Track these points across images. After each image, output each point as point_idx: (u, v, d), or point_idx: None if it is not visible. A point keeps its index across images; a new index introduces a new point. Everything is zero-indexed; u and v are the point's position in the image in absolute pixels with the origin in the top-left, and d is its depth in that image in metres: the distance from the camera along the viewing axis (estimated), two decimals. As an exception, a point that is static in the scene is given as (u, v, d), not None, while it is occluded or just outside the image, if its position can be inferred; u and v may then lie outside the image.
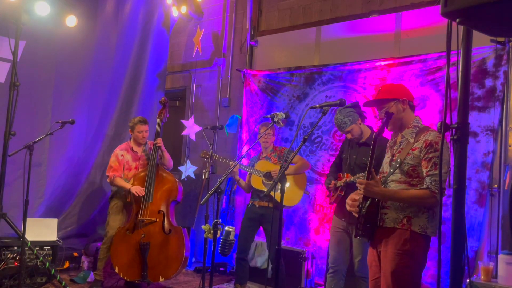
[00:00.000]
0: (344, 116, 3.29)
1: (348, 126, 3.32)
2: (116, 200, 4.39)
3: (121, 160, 4.36)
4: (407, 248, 2.32)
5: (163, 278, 4.10)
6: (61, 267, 4.67)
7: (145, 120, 4.46)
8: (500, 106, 3.74)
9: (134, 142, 4.47)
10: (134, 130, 4.41)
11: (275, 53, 5.61)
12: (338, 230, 3.43)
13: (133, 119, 4.49)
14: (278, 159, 4.14)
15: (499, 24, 1.44)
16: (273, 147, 4.25)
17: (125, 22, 5.69)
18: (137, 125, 4.39)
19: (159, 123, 4.46)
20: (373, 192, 2.35)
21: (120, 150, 4.42)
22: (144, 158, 4.50)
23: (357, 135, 3.37)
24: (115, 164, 4.33)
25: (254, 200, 4.10)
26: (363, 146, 3.38)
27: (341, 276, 3.41)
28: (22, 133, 4.22)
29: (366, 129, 3.44)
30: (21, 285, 3.60)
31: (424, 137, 2.38)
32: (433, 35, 4.22)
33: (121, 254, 4.10)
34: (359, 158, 3.37)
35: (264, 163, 4.12)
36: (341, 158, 3.62)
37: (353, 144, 3.46)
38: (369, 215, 2.39)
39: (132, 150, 4.44)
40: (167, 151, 4.50)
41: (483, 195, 3.74)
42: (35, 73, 5.00)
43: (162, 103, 4.57)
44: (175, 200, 4.34)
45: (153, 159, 4.30)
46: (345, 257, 3.41)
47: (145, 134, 4.44)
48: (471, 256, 3.66)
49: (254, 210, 4.08)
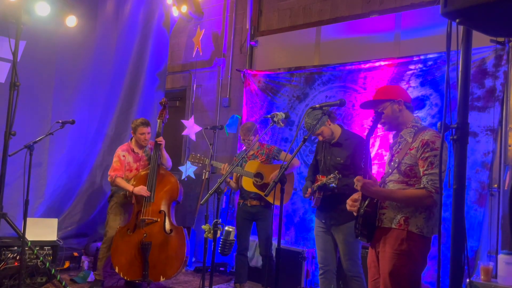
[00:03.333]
0: (312, 119, 3.24)
1: (318, 128, 3.30)
2: (116, 200, 4.39)
3: (123, 161, 4.36)
4: (404, 248, 2.31)
5: (164, 278, 4.10)
6: (61, 267, 4.67)
7: (148, 122, 4.42)
8: (500, 106, 3.74)
9: (135, 144, 4.45)
10: (136, 132, 4.38)
11: (275, 53, 5.62)
12: (321, 230, 3.42)
13: (135, 121, 4.44)
14: (267, 157, 4.13)
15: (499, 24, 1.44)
16: (259, 144, 4.22)
17: (125, 22, 5.70)
18: (139, 127, 4.35)
19: (160, 124, 4.46)
20: (370, 191, 2.35)
21: (121, 150, 4.41)
22: (145, 159, 4.50)
23: (328, 136, 3.37)
24: (117, 165, 4.32)
25: (245, 199, 4.10)
26: (336, 147, 3.38)
27: (332, 275, 3.40)
28: (22, 133, 4.21)
29: (337, 128, 3.41)
30: (21, 285, 3.60)
31: (421, 136, 2.38)
32: (433, 35, 4.22)
33: (121, 254, 4.10)
34: (333, 158, 3.37)
35: (253, 164, 4.08)
36: (317, 160, 3.60)
37: (326, 145, 3.45)
38: (367, 215, 2.39)
39: (133, 151, 4.43)
40: (165, 151, 4.50)
41: (483, 195, 3.74)
42: (35, 73, 5.00)
43: (162, 104, 4.56)
44: (176, 200, 4.35)
45: (155, 159, 4.30)
46: (333, 255, 3.40)
47: (147, 136, 4.39)
48: (471, 256, 3.66)
49: (246, 209, 4.10)
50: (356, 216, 2.45)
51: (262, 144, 4.25)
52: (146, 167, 4.43)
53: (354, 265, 3.28)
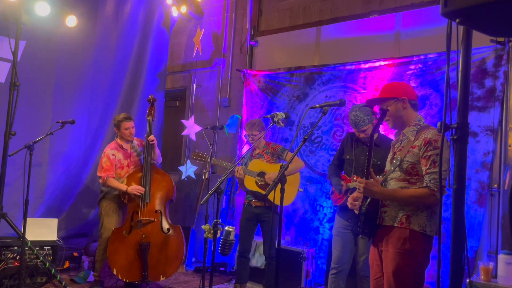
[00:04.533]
0: (364, 114, 3.25)
1: (366, 125, 3.30)
2: (108, 201, 4.33)
3: (113, 160, 4.31)
4: (407, 247, 2.32)
5: (163, 277, 4.10)
6: (61, 267, 4.67)
7: (130, 117, 4.43)
8: (500, 106, 3.74)
9: (121, 140, 4.42)
10: (120, 128, 4.35)
11: (275, 53, 5.62)
12: (343, 230, 3.41)
13: (118, 117, 4.41)
14: (272, 156, 4.12)
15: (499, 24, 1.44)
16: (265, 143, 4.22)
17: (125, 22, 5.70)
18: (123, 122, 4.34)
19: (150, 122, 4.44)
20: (373, 192, 2.36)
21: (110, 149, 4.36)
22: (134, 155, 4.47)
23: (369, 135, 3.37)
24: (107, 165, 4.27)
25: (250, 199, 4.10)
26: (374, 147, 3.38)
27: (344, 276, 3.41)
28: (22, 133, 4.22)
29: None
30: (21, 285, 3.60)
31: (424, 135, 2.39)
32: (433, 35, 4.22)
33: (119, 256, 4.06)
34: None
35: (257, 163, 4.07)
36: (341, 160, 3.58)
37: (358, 145, 3.43)
38: (369, 213, 2.40)
39: (122, 148, 4.40)
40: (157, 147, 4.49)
41: (483, 195, 3.74)
42: (35, 73, 5.00)
43: (150, 101, 4.53)
44: (170, 199, 4.36)
45: (148, 159, 4.29)
46: (350, 257, 3.41)
47: (132, 130, 4.39)
48: (471, 256, 3.66)
49: (250, 210, 4.08)
50: (358, 214, 2.46)
51: (268, 143, 4.24)
52: (137, 163, 4.42)
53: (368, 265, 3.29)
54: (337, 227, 3.49)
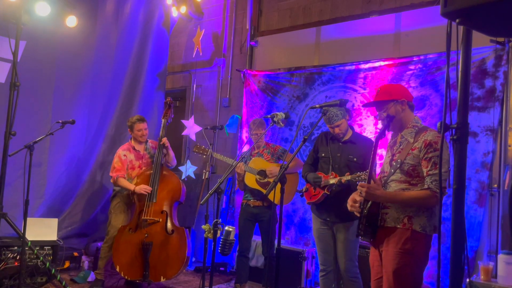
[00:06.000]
0: (337, 109, 3.28)
1: (339, 119, 3.31)
2: (118, 199, 4.40)
3: (124, 160, 4.37)
4: (408, 247, 2.33)
5: (164, 278, 4.10)
6: (61, 267, 4.67)
7: (143, 118, 4.47)
8: (500, 106, 3.74)
9: (135, 141, 4.48)
10: (133, 129, 4.43)
11: (275, 53, 5.62)
12: (322, 231, 3.41)
13: (131, 118, 4.50)
14: (271, 156, 4.12)
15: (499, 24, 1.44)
16: (265, 144, 4.23)
17: (125, 22, 5.70)
18: (135, 124, 4.40)
19: (164, 123, 4.47)
20: (375, 196, 2.36)
21: (122, 150, 4.43)
22: (147, 157, 4.51)
23: (343, 131, 3.38)
24: (118, 165, 4.33)
25: (248, 199, 4.10)
26: (349, 143, 3.39)
27: (333, 276, 3.41)
28: (22, 133, 4.22)
29: (349, 128, 3.46)
30: (21, 285, 3.60)
31: (424, 136, 2.39)
32: (433, 35, 4.22)
33: (123, 253, 4.10)
34: (344, 155, 3.36)
35: (257, 161, 4.07)
36: (315, 158, 3.56)
37: (333, 142, 3.45)
38: (370, 216, 2.40)
39: (134, 149, 4.45)
40: (172, 149, 4.51)
41: (483, 195, 3.74)
42: (36, 73, 5.00)
43: (167, 104, 4.58)
44: (178, 200, 4.35)
45: (158, 159, 4.31)
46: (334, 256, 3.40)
47: (145, 132, 4.45)
48: (471, 256, 3.66)
49: (249, 210, 4.07)
50: (359, 216, 2.46)
51: (267, 143, 4.26)
52: (149, 165, 4.45)
53: (352, 266, 3.29)
54: (316, 228, 3.48)
